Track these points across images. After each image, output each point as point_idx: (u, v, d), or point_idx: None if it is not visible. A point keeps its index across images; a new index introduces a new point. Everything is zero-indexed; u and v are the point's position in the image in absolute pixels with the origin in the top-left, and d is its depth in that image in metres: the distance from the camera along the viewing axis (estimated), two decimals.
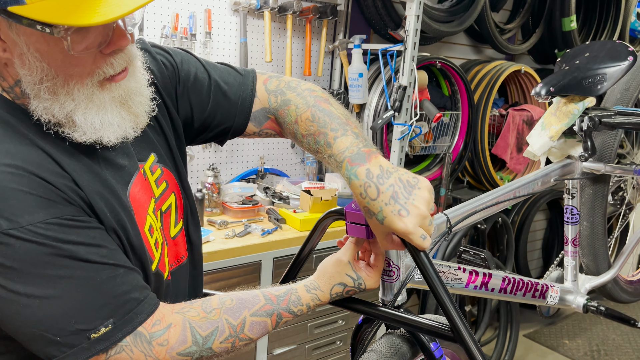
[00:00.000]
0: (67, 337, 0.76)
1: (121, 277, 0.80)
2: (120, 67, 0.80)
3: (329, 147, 0.92)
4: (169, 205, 0.99)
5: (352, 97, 2.64)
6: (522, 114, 3.18)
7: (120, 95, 0.82)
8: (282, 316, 0.91)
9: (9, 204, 0.72)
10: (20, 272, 0.73)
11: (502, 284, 1.27)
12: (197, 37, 2.28)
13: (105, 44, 0.76)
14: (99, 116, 0.80)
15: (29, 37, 0.73)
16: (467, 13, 2.94)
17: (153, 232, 0.92)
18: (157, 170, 0.96)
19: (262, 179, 2.60)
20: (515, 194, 1.28)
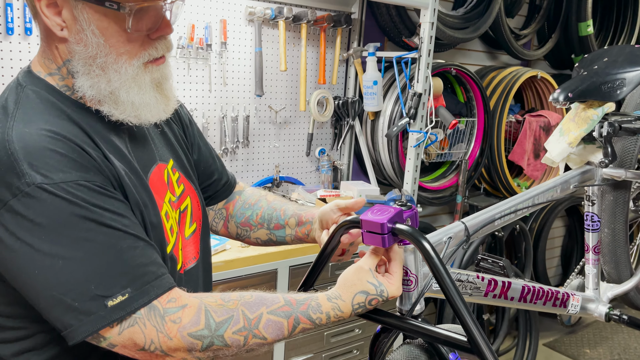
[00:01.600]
0: (85, 303, 0.77)
1: (141, 249, 0.82)
2: (162, 52, 0.89)
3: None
4: (186, 206, 1.04)
5: (366, 105, 2.64)
6: (539, 120, 3.14)
7: (157, 78, 0.90)
8: (299, 321, 0.88)
9: (45, 162, 0.76)
10: (47, 229, 0.76)
11: (522, 293, 1.25)
12: (212, 48, 2.30)
13: (154, 29, 0.87)
14: (138, 95, 0.88)
15: (92, 14, 0.81)
16: (482, 19, 2.92)
17: (169, 218, 0.97)
18: (176, 172, 1.04)
19: (277, 187, 2.61)
20: (534, 201, 1.27)
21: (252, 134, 2.51)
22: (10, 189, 0.75)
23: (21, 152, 0.76)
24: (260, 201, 1.23)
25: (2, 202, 0.76)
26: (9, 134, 0.78)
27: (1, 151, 0.77)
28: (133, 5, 0.82)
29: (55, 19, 0.83)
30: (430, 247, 0.90)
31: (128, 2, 0.81)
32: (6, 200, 0.76)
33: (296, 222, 1.17)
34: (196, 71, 2.29)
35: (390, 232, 0.92)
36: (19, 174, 0.75)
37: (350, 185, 2.67)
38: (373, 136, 2.76)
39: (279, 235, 1.19)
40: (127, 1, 0.81)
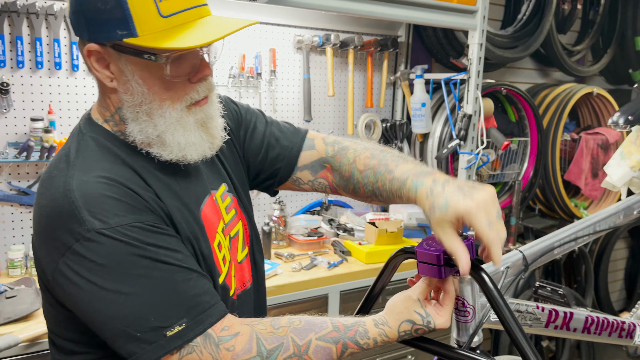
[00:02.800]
0: (146, 334, 0.82)
1: (194, 280, 0.87)
2: (203, 94, 0.93)
3: (389, 173, 0.98)
4: (237, 231, 1.07)
5: (415, 127, 2.63)
6: (596, 138, 3.03)
7: (201, 118, 0.94)
8: (347, 346, 0.90)
9: (102, 208, 0.83)
10: (108, 269, 0.82)
11: (585, 324, 1.20)
12: (262, 76, 2.36)
13: (193, 73, 0.91)
14: (184, 136, 0.92)
15: (134, 65, 0.87)
16: (533, 37, 2.87)
17: (221, 248, 1.00)
18: (227, 198, 1.06)
19: (326, 211, 2.62)
20: (595, 228, 1.22)
21: None
22: (73, 235, 0.82)
23: (80, 200, 0.83)
24: (354, 174, 1.07)
25: (67, 247, 0.83)
26: (70, 183, 0.85)
27: (64, 200, 0.83)
28: (169, 55, 0.86)
29: (105, 72, 0.89)
30: (487, 278, 0.88)
31: (163, 53, 0.86)
32: (70, 244, 0.82)
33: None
34: (247, 99, 2.35)
35: (446, 263, 0.91)
36: (80, 220, 0.82)
37: (400, 208, 2.64)
38: (422, 158, 2.74)
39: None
40: (162, 52, 0.86)
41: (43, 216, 0.86)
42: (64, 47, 1.94)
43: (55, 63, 1.91)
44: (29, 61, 1.89)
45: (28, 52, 1.89)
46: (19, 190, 1.92)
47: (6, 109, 1.86)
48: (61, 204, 0.83)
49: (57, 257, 0.84)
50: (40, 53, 1.89)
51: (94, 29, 0.86)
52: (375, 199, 1.07)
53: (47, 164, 1.93)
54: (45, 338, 1.48)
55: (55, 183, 0.86)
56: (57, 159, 0.91)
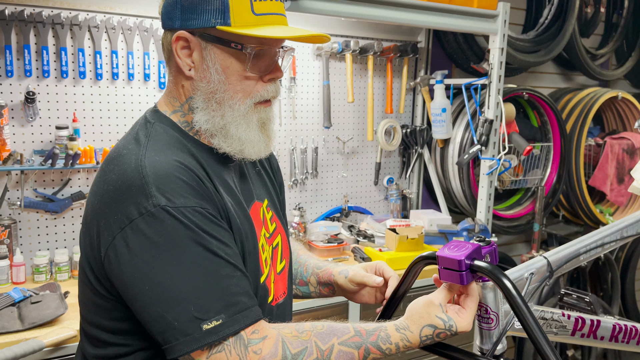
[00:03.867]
0: (183, 324, 0.82)
1: (237, 278, 0.88)
2: (272, 95, 0.99)
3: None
4: (277, 242, 1.10)
5: (435, 133, 2.61)
6: (622, 143, 2.97)
7: (263, 119, 0.99)
8: (369, 351, 0.90)
9: (170, 187, 0.86)
10: (162, 248, 0.83)
11: (613, 332, 1.17)
12: (282, 83, 2.37)
13: (267, 72, 0.97)
14: (245, 132, 0.97)
15: (218, 54, 0.94)
16: (555, 42, 2.83)
17: (264, 250, 1.03)
18: (270, 211, 1.10)
19: (346, 217, 2.61)
20: (622, 234, 1.19)
21: (321, 164, 2.55)
22: (138, 208, 0.84)
23: (152, 177, 0.86)
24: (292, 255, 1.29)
25: (129, 220, 0.84)
26: (143, 160, 0.88)
27: (135, 174, 0.86)
28: (254, 47, 0.93)
29: (187, 60, 0.95)
30: (511, 284, 0.86)
31: (250, 43, 0.92)
32: (133, 217, 0.84)
33: (316, 281, 1.22)
34: None
35: (469, 269, 0.89)
36: (148, 195, 0.84)
37: (421, 214, 2.62)
38: (443, 164, 2.72)
39: (303, 291, 1.25)
40: (250, 43, 0.92)
41: (109, 190, 0.88)
42: (88, 56, 1.98)
43: (80, 72, 1.95)
44: (54, 70, 1.94)
45: (53, 61, 1.93)
46: (45, 197, 1.95)
47: (32, 118, 1.90)
48: (132, 177, 0.86)
49: (116, 231, 0.85)
50: (65, 62, 1.93)
51: (189, 17, 0.92)
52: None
53: (71, 171, 1.98)
54: (69, 343, 1.50)
55: (126, 159, 0.89)
56: (125, 142, 0.95)
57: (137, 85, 2.08)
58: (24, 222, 1.94)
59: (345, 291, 1.19)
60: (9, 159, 1.83)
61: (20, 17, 1.84)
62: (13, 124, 1.89)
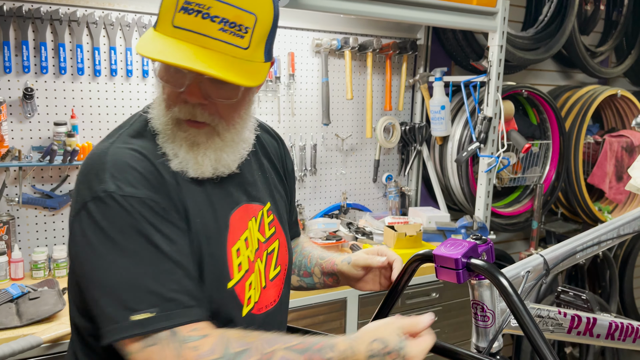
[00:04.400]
0: (113, 310, 0.83)
1: (179, 276, 0.86)
2: (185, 116, 0.92)
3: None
4: (273, 248, 1.07)
5: (434, 130, 2.61)
6: (621, 140, 2.97)
7: (189, 140, 0.94)
8: (313, 359, 0.87)
9: (123, 175, 0.87)
10: (106, 233, 0.84)
11: (609, 330, 1.17)
12: (281, 80, 2.37)
13: (179, 90, 0.91)
14: (169, 145, 0.94)
15: None
16: (555, 39, 2.83)
17: (239, 255, 0.99)
18: (271, 215, 1.08)
19: (345, 214, 2.61)
20: (619, 232, 1.19)
21: (320, 161, 2.55)
22: (91, 191, 0.86)
23: (110, 164, 0.88)
24: (297, 247, 1.28)
25: (83, 203, 0.87)
26: (109, 148, 0.91)
27: (97, 160, 0.89)
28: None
29: None
30: (507, 283, 0.87)
31: (137, 51, 0.88)
32: (86, 201, 0.86)
33: (320, 271, 1.21)
34: (266, 103, 2.36)
35: (465, 267, 0.90)
36: (101, 180, 0.86)
37: (419, 211, 2.63)
38: (441, 161, 2.72)
39: (308, 282, 1.24)
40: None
41: (79, 173, 0.92)
42: (86, 52, 1.97)
43: (78, 68, 1.95)
44: (53, 67, 1.93)
45: (52, 57, 1.93)
46: (43, 194, 1.95)
47: (30, 114, 1.90)
48: (94, 163, 0.89)
49: (74, 213, 0.88)
50: (64, 59, 1.93)
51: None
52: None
53: (69, 167, 1.98)
54: (67, 339, 1.50)
55: (100, 146, 0.93)
56: (114, 130, 0.98)
57: (136, 82, 2.07)
58: (22, 218, 1.94)
59: (350, 278, 1.16)
60: (7, 155, 1.83)
61: (18, 12, 1.84)
62: (11, 120, 1.89)
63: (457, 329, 2.38)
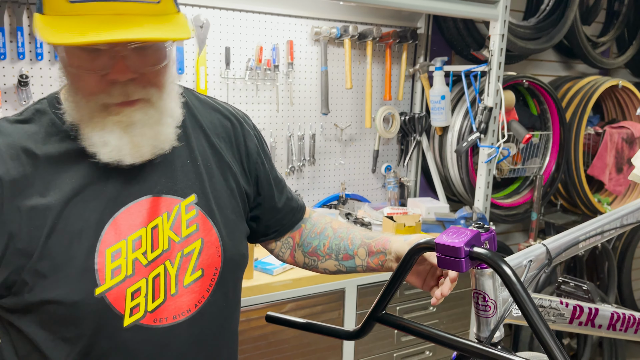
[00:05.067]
0: None
1: None
2: (118, 99, 0.83)
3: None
4: (191, 249, 0.93)
5: (434, 120, 2.59)
6: (621, 132, 2.96)
7: (124, 122, 0.84)
8: None
9: None
10: None
11: (611, 320, 1.16)
12: (279, 68, 2.34)
13: (104, 72, 0.81)
14: (98, 134, 0.84)
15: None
16: (556, 29, 2.80)
17: (118, 257, 0.86)
18: (192, 210, 0.94)
19: (343, 205, 2.60)
20: (622, 222, 1.18)
21: (318, 151, 2.53)
22: None
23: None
24: (326, 230, 1.16)
25: None
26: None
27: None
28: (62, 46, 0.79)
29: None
30: (511, 271, 0.85)
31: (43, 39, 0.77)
32: None
33: (366, 252, 1.10)
34: (264, 92, 2.34)
35: (468, 256, 0.88)
36: None
37: (418, 202, 2.61)
38: (441, 152, 2.70)
39: (348, 265, 1.12)
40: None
41: None
42: None
43: None
44: (48, 53, 1.90)
45: (47, 44, 1.90)
46: None
47: (26, 101, 1.88)
48: None
49: None
50: None
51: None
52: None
53: None
54: None
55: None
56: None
57: None
58: None
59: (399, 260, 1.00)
60: None
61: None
62: (6, 107, 1.86)
63: (456, 320, 2.37)
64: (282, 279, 1.92)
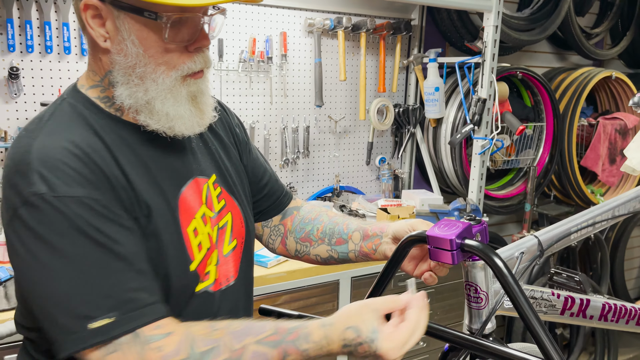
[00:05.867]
0: (68, 321, 0.76)
1: (133, 274, 0.80)
2: (200, 66, 0.89)
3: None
4: (225, 222, 1.01)
5: (428, 112, 2.59)
6: (614, 123, 2.96)
7: (193, 92, 0.90)
8: (287, 352, 0.81)
9: (55, 174, 0.78)
10: (45, 240, 0.77)
11: (602, 311, 1.17)
12: (273, 60, 2.33)
13: (191, 42, 0.87)
14: (173, 107, 0.88)
15: (132, 24, 0.83)
16: (550, 20, 2.80)
17: (197, 234, 0.94)
18: (217, 188, 1.01)
19: (337, 197, 2.60)
20: (614, 213, 1.18)
21: (312, 144, 2.52)
22: (20, 197, 0.78)
23: (36, 162, 0.79)
24: (321, 216, 1.18)
25: (14, 209, 0.79)
26: (32, 144, 0.81)
27: (22, 159, 0.80)
28: (170, 16, 0.82)
29: (100, 30, 0.85)
30: (502, 263, 0.85)
31: (165, 12, 0.82)
32: (16, 207, 0.78)
33: (361, 235, 1.10)
34: (257, 84, 2.33)
35: (459, 248, 0.88)
36: (29, 183, 0.78)
37: (412, 194, 2.62)
38: (435, 143, 2.70)
39: (340, 251, 1.13)
40: (165, 11, 0.82)
41: (4, 176, 0.82)
42: (73, 31, 1.93)
43: (65, 47, 1.90)
44: (39, 45, 1.88)
45: (37, 36, 1.88)
46: None
47: (16, 94, 1.86)
48: (19, 163, 0.80)
49: (6, 220, 0.81)
50: (50, 37, 1.88)
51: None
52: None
53: None
54: None
55: (20, 143, 0.83)
56: (31, 122, 0.88)
57: None
58: None
59: (398, 241, 1.02)
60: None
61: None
62: None
63: (450, 311, 2.38)
64: (276, 271, 1.92)
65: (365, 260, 1.11)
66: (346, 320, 0.81)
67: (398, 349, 0.79)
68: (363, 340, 0.79)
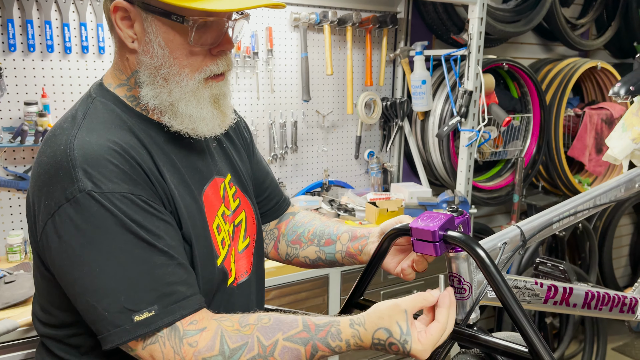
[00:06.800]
0: (113, 315, 0.80)
1: (173, 267, 0.84)
2: (222, 69, 0.93)
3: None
4: (240, 220, 1.05)
5: (415, 105, 2.59)
6: (600, 113, 2.99)
7: (216, 94, 0.93)
8: (317, 348, 0.84)
9: (99, 171, 0.81)
10: (89, 235, 0.80)
11: (585, 299, 1.18)
12: (259, 55, 2.32)
13: (215, 45, 0.90)
14: (196, 109, 0.91)
15: (160, 26, 0.87)
16: (535, 11, 2.81)
17: (220, 231, 0.98)
18: (233, 187, 1.06)
19: (327, 192, 2.60)
20: (596, 202, 1.20)
21: (301, 139, 2.52)
22: (64, 193, 0.80)
23: (79, 159, 0.81)
24: (314, 220, 1.21)
25: (57, 205, 0.81)
26: (72, 142, 0.83)
27: (63, 157, 0.82)
28: (197, 19, 0.86)
29: (128, 31, 0.89)
30: (484, 254, 0.86)
31: (192, 15, 0.85)
32: (60, 203, 0.80)
33: (349, 237, 1.13)
34: (244, 79, 2.32)
35: (442, 239, 0.89)
36: (74, 179, 0.80)
37: (401, 187, 2.63)
38: (423, 136, 2.71)
39: (328, 252, 1.15)
40: (191, 15, 0.85)
41: (42, 174, 0.84)
42: (55, 29, 1.91)
43: (48, 46, 1.89)
44: (21, 44, 1.87)
45: (19, 34, 1.86)
46: (16, 175, 1.91)
47: (0, 94, 1.84)
48: (60, 160, 0.81)
49: (47, 217, 0.82)
50: (32, 35, 1.86)
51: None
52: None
53: None
54: None
55: (57, 140, 0.84)
56: (63, 120, 0.90)
57: (109, 59, 2.02)
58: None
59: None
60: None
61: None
62: None
63: None
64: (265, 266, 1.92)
65: (351, 262, 1.14)
66: (377, 321, 0.84)
67: (429, 350, 0.83)
68: (395, 341, 0.83)
